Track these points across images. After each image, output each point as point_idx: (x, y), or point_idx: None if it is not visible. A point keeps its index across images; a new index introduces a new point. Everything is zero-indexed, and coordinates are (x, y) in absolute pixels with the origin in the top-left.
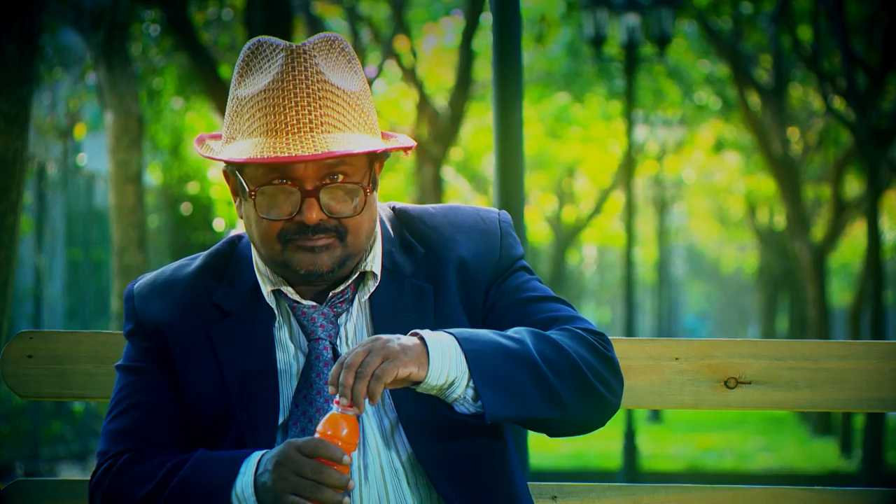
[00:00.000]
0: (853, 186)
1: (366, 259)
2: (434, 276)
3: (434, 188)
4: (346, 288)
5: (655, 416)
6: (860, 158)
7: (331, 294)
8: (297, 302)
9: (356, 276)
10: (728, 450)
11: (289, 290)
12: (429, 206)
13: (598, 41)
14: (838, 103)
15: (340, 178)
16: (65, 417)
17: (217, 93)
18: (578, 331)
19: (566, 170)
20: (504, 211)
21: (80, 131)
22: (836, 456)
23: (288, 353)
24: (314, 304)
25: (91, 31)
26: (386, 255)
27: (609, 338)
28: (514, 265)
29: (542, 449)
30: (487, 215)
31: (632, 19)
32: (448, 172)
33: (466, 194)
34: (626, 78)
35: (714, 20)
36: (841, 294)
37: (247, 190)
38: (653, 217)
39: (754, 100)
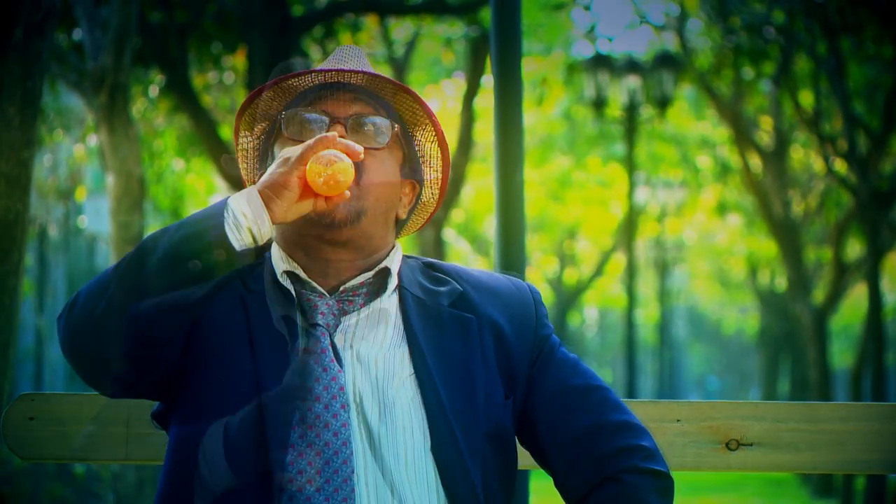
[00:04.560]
0: (854, 249)
1: (385, 259)
2: (473, 312)
3: (435, 250)
4: (359, 285)
5: None
6: (861, 221)
7: (342, 288)
8: (305, 287)
9: (373, 273)
10: None
11: (299, 271)
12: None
13: (598, 103)
14: (839, 166)
15: (369, 126)
16: (66, 480)
17: (218, 154)
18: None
19: (567, 232)
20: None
21: (81, 193)
22: None
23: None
24: (322, 292)
25: (92, 93)
26: (415, 284)
27: (671, 478)
28: (550, 338)
29: None
30: (519, 283)
31: (632, 81)
32: (449, 234)
33: (468, 256)
34: (627, 139)
35: (716, 84)
36: (842, 356)
37: (281, 121)
38: (654, 279)
39: (755, 162)
